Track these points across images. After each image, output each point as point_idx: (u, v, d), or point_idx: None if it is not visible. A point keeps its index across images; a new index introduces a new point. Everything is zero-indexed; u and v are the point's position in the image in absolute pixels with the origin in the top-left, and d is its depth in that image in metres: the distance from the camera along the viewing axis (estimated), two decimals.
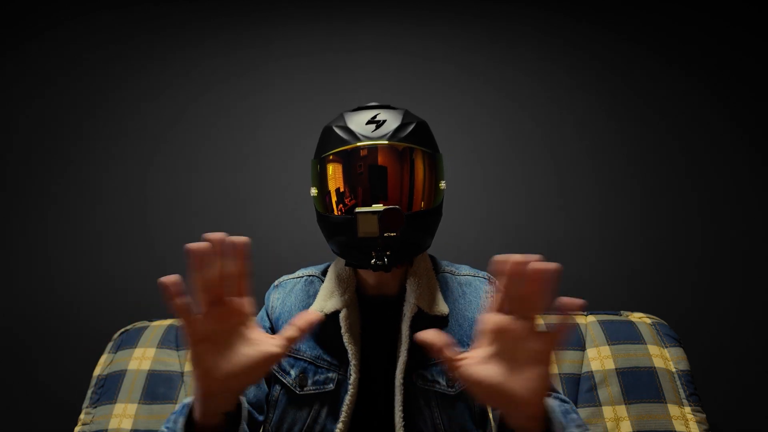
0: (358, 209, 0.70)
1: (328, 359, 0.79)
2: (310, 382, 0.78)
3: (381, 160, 0.75)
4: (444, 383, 0.77)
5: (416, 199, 0.77)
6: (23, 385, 1.50)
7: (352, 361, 0.76)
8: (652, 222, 1.50)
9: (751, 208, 1.48)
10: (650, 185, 1.52)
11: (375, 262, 0.73)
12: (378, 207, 0.70)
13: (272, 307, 0.87)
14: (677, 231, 1.49)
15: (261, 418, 0.79)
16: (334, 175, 0.77)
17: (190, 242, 0.48)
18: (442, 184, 0.81)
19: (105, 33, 1.66)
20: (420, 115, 1.04)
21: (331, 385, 0.77)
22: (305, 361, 0.79)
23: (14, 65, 1.64)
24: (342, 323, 0.78)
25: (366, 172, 0.75)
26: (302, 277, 0.90)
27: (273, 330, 0.85)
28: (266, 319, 0.87)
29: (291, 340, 0.53)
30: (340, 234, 0.76)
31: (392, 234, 0.70)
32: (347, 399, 0.75)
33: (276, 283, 0.92)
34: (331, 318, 0.79)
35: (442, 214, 0.84)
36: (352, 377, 0.75)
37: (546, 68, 1.59)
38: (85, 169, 1.60)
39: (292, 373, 0.79)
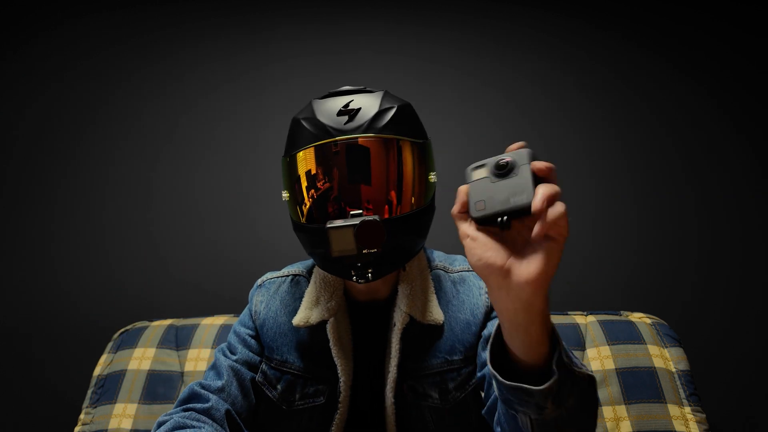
0: (329, 224, 0.58)
1: (317, 370, 0.72)
2: (298, 396, 0.72)
3: (356, 157, 0.63)
4: (437, 396, 0.70)
5: (404, 199, 0.65)
6: (24, 385, 1.50)
7: (342, 378, 0.70)
8: (652, 222, 1.50)
9: (750, 208, 1.48)
10: (650, 185, 1.51)
11: (356, 279, 0.64)
12: (353, 219, 0.58)
13: (256, 311, 0.78)
14: (677, 231, 1.49)
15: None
16: (305, 177, 0.65)
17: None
18: (432, 177, 0.69)
19: (106, 33, 1.66)
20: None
21: (322, 398, 0.71)
22: (292, 374, 0.73)
23: (16, 65, 1.65)
24: (330, 335, 0.70)
25: (338, 173, 0.63)
26: (287, 276, 0.81)
27: (258, 336, 0.77)
28: (250, 321, 0.79)
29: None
30: (318, 246, 0.66)
31: (372, 251, 0.58)
32: (336, 417, 0.70)
33: (260, 281, 0.83)
34: (319, 327, 0.72)
35: (435, 208, 0.72)
36: (342, 395, 0.70)
37: (543, 68, 1.59)
38: (86, 169, 1.60)
39: (279, 387, 0.73)
